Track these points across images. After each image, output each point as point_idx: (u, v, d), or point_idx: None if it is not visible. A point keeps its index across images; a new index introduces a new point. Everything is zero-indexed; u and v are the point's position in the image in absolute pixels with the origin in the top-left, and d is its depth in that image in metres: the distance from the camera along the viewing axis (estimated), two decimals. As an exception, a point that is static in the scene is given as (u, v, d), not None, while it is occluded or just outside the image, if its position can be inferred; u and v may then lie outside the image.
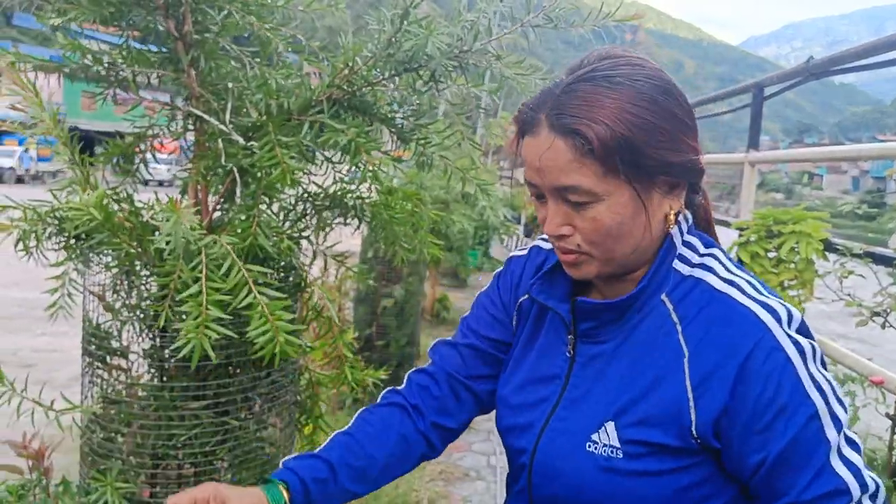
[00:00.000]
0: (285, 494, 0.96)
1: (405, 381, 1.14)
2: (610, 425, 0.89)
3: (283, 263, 1.51)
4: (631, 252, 0.89)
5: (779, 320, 0.84)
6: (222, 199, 1.52)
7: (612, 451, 0.88)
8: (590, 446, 0.89)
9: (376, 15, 1.32)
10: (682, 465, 0.86)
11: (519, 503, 1.00)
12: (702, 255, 0.93)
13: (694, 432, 0.84)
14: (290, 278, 1.55)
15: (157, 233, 1.35)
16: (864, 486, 0.82)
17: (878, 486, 0.83)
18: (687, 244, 0.94)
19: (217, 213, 1.54)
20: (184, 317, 1.24)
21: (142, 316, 1.44)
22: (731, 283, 0.89)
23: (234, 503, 0.91)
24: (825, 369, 0.85)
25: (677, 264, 0.92)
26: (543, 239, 1.10)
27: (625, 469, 0.86)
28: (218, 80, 1.46)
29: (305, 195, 1.59)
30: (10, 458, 1.71)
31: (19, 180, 27.06)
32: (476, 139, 1.59)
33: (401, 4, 1.26)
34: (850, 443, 0.84)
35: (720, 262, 0.93)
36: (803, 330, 0.87)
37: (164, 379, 1.48)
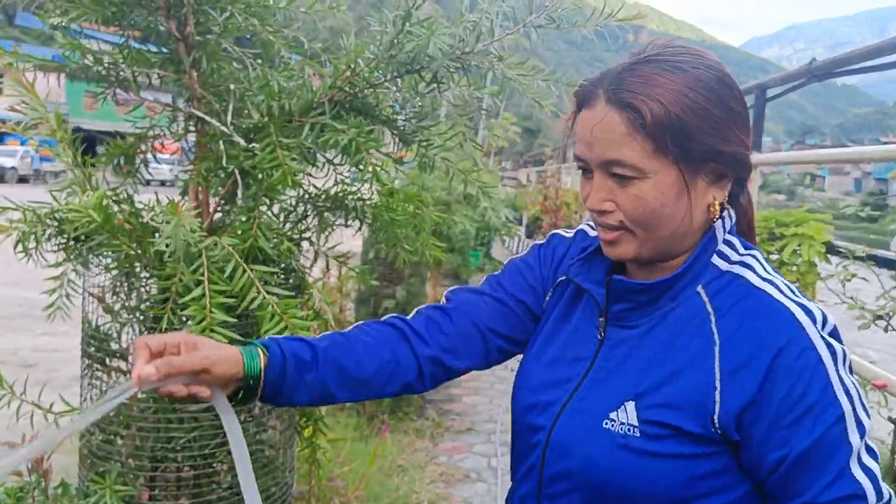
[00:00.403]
0: (262, 360, 0.92)
1: (413, 312, 1.09)
2: (630, 405, 0.89)
3: (283, 265, 1.51)
4: (670, 235, 0.90)
5: (814, 321, 0.85)
6: (223, 201, 1.52)
7: (629, 430, 0.88)
8: (607, 423, 0.90)
9: (378, 16, 1.32)
10: (698, 453, 0.86)
11: (526, 485, 0.99)
12: (741, 255, 0.94)
13: (716, 422, 0.84)
14: (291, 280, 1.55)
15: (157, 235, 1.35)
16: (879, 494, 0.82)
17: (890, 497, 0.84)
18: (727, 242, 0.95)
19: (218, 215, 1.53)
20: (185, 319, 1.24)
21: (141, 318, 1.44)
22: (769, 282, 0.90)
23: (204, 350, 0.88)
24: (852, 374, 0.86)
25: (716, 260, 0.93)
26: (590, 225, 1.10)
27: (640, 448, 0.87)
28: (220, 82, 1.46)
29: (306, 196, 1.59)
30: (9, 460, 1.70)
31: (22, 180, 27.08)
32: (478, 140, 1.59)
33: (403, 5, 1.26)
34: (870, 451, 0.84)
35: (759, 262, 0.94)
36: (835, 334, 0.87)
37: (164, 381, 1.47)
